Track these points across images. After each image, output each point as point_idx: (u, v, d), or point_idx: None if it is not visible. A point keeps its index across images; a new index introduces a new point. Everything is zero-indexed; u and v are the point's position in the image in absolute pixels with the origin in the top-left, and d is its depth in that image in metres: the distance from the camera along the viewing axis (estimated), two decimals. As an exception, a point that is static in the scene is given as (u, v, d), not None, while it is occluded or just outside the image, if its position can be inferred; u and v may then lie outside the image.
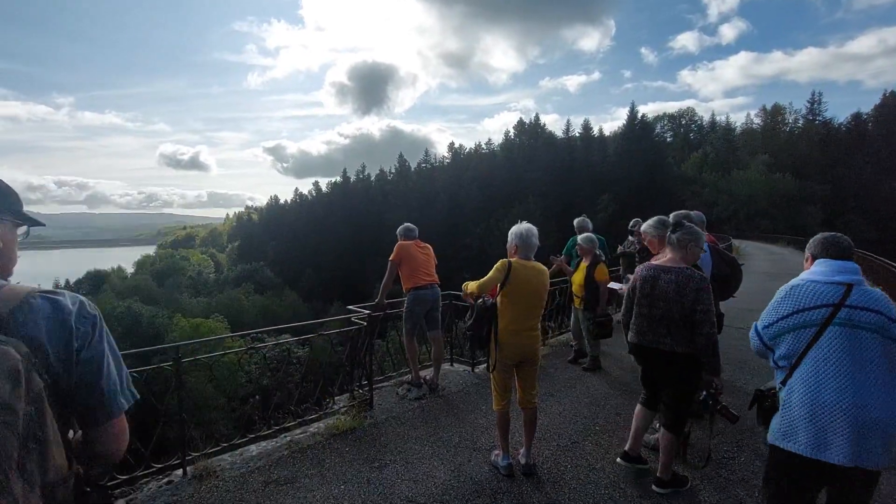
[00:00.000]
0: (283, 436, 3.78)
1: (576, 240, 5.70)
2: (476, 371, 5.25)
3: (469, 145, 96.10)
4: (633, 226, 6.56)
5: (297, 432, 3.82)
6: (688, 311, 2.61)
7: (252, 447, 3.62)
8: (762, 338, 2.06)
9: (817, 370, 1.86)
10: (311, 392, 4.58)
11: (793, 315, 1.94)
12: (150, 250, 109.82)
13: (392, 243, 4.75)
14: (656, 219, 3.63)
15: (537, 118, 79.96)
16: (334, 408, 4.28)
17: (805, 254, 2.18)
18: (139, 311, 35.39)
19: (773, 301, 2.06)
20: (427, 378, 4.81)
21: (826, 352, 1.85)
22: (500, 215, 58.56)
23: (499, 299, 3.04)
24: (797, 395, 1.89)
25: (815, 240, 2.12)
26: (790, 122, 62.15)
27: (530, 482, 3.03)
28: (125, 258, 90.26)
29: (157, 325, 34.54)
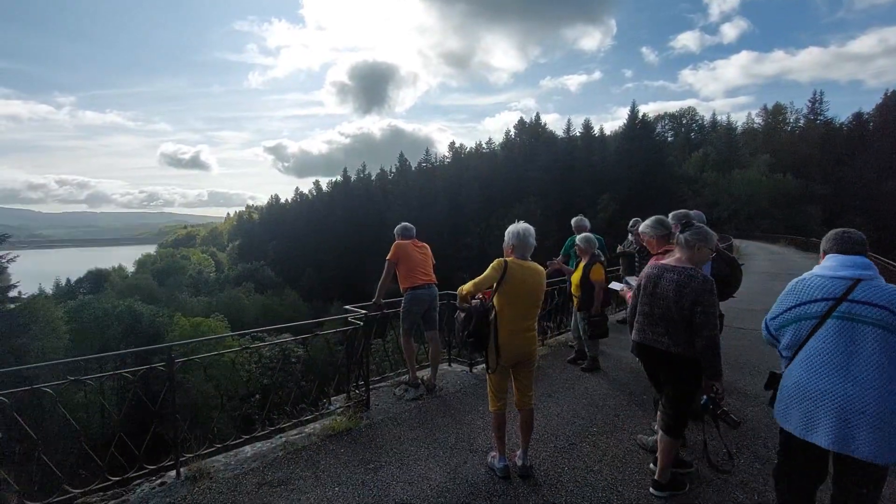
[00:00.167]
0: (278, 436, 3.75)
1: (574, 240, 5.66)
2: (474, 371, 5.22)
3: (470, 145, 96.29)
4: (632, 226, 6.52)
5: (293, 433, 3.78)
6: (686, 312, 2.58)
7: (247, 448, 3.59)
8: (769, 329, 2.20)
9: (811, 359, 1.97)
10: (307, 392, 4.55)
11: (795, 307, 2.05)
12: (150, 249, 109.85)
13: (392, 243, 4.72)
14: (654, 219, 3.60)
15: (538, 117, 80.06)
16: (330, 408, 4.25)
17: (820, 250, 2.24)
18: (139, 310, 35.33)
19: (781, 294, 2.17)
20: (424, 378, 4.78)
21: (821, 343, 1.95)
22: (501, 215, 58.55)
23: (495, 300, 3.01)
24: (792, 380, 2.04)
25: (828, 236, 2.18)
26: (791, 121, 62.19)
27: (527, 484, 3.00)
28: (126, 257, 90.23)
29: (158, 324, 34.50)
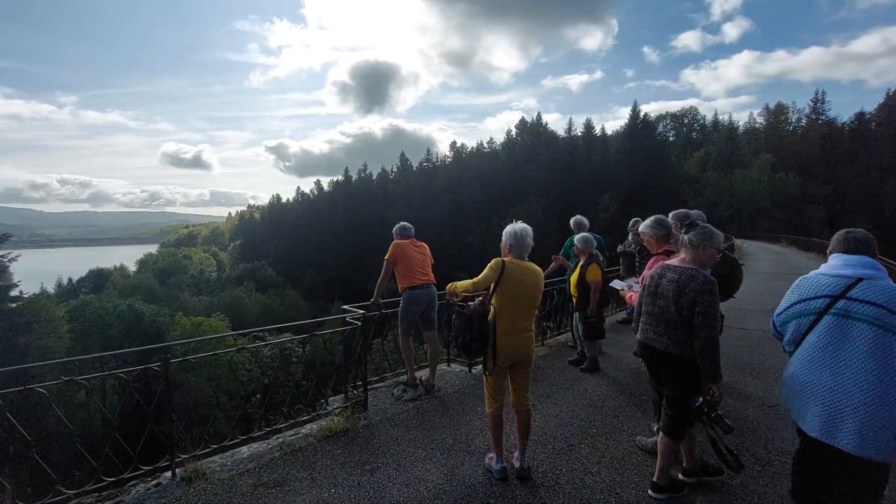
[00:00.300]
0: (275, 437, 3.73)
1: (573, 240, 5.64)
2: (473, 371, 5.19)
3: (471, 144, 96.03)
4: (632, 226, 6.49)
5: (290, 434, 3.76)
6: (686, 312, 2.55)
7: (243, 449, 3.57)
8: (775, 324, 2.28)
9: (806, 353, 2.07)
10: (305, 392, 4.53)
11: (797, 304, 2.13)
12: (152, 249, 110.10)
13: (391, 242, 4.70)
14: (654, 218, 3.57)
15: (539, 117, 79.88)
16: (328, 409, 4.23)
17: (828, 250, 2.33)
18: (141, 309, 35.37)
19: (787, 291, 2.25)
20: (423, 379, 4.76)
21: (817, 338, 2.03)
22: (502, 215, 58.44)
23: (493, 300, 2.98)
24: (789, 372, 2.16)
25: (835, 236, 2.24)
26: (793, 121, 61.99)
27: (524, 486, 2.97)
28: (128, 257, 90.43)
29: (159, 323, 34.55)
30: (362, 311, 4.37)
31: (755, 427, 3.81)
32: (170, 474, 3.14)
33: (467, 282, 3.02)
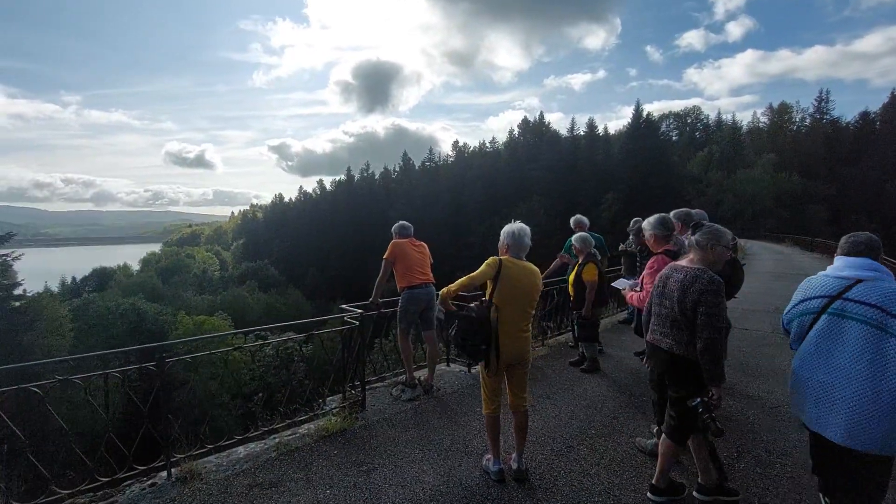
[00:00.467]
0: (272, 437, 3.71)
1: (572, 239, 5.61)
2: (472, 371, 5.16)
3: (473, 144, 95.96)
4: (633, 225, 6.44)
5: (287, 434, 3.74)
6: (690, 313, 2.51)
7: (240, 448, 3.55)
8: (783, 323, 2.40)
9: (804, 350, 2.20)
10: (302, 392, 4.51)
11: (801, 303, 2.26)
12: (156, 248, 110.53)
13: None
14: (658, 217, 3.54)
15: (542, 116, 79.72)
16: (326, 408, 4.21)
17: None
18: (143, 308, 35.49)
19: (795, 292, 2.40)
20: (422, 379, 4.73)
21: (814, 336, 2.15)
22: (504, 214, 58.33)
23: (494, 300, 2.94)
24: (792, 367, 2.28)
25: (841, 239, 2.35)
26: (797, 120, 61.51)
27: (522, 488, 2.94)
28: (131, 256, 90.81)
29: (161, 322, 34.65)
30: (360, 311, 4.35)
31: (756, 429, 3.77)
32: (165, 474, 3.13)
33: (462, 279, 2.98)
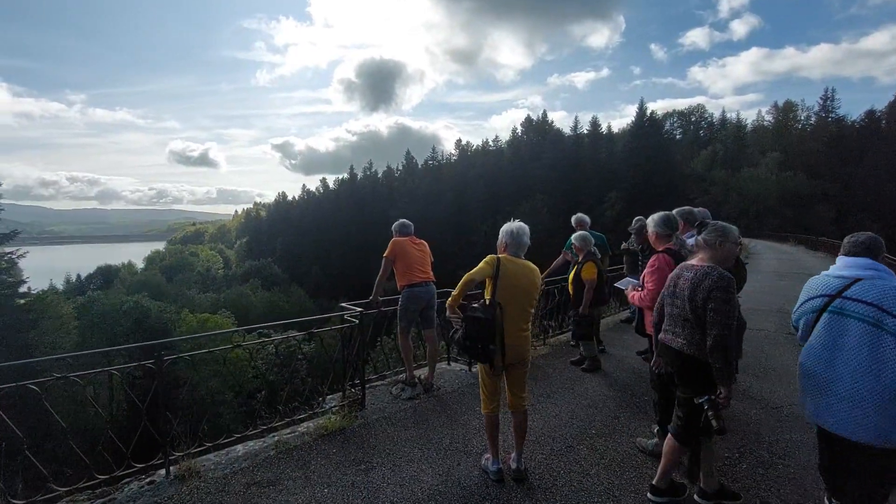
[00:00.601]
0: (271, 435, 3.71)
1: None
2: (473, 370, 5.14)
3: (476, 142, 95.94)
4: (634, 224, 6.38)
5: (286, 432, 3.73)
6: (700, 310, 2.48)
7: (239, 447, 3.54)
8: (792, 321, 2.47)
9: (807, 347, 2.30)
10: (301, 391, 4.51)
11: (805, 302, 2.35)
12: (160, 246, 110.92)
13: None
14: (663, 215, 3.50)
15: (545, 115, 79.55)
16: (325, 407, 4.20)
17: None
18: (148, 306, 35.65)
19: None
20: (422, 377, 4.72)
21: (817, 333, 2.26)
22: (507, 213, 58.00)
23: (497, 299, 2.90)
24: (798, 362, 2.36)
25: (843, 240, 2.44)
26: (802, 119, 60.99)
27: (520, 488, 2.92)
28: (136, 254, 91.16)
29: (165, 320, 34.81)
30: (360, 309, 4.33)
31: (758, 429, 3.74)
32: (164, 472, 3.12)
33: (461, 282, 2.91)
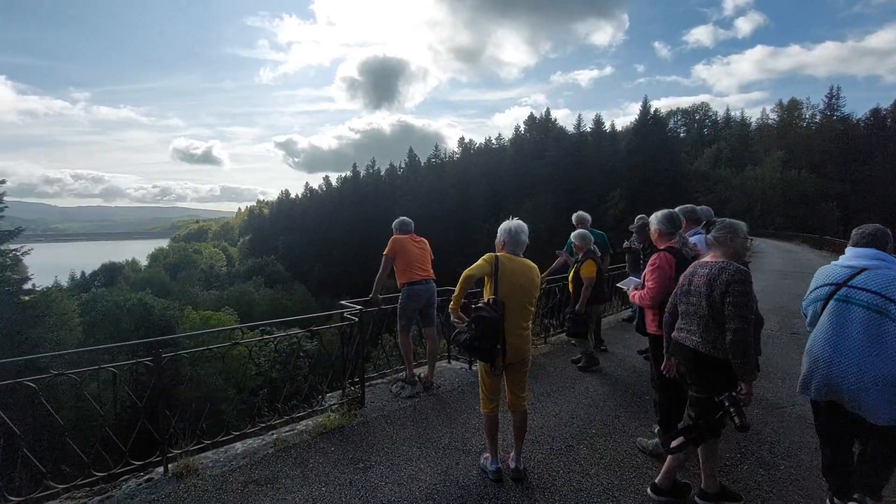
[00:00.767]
0: (269, 433, 3.70)
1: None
2: (473, 369, 5.12)
3: (479, 140, 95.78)
4: (636, 222, 6.33)
5: (285, 430, 3.72)
6: (718, 305, 2.43)
7: (237, 444, 3.53)
8: (802, 308, 2.58)
9: (815, 332, 2.41)
10: (301, 389, 4.50)
11: (814, 291, 2.46)
12: (163, 243, 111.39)
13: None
14: (666, 213, 3.46)
15: (548, 113, 79.37)
16: (324, 405, 4.19)
17: None
18: (151, 303, 35.85)
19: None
20: (422, 376, 4.70)
21: (823, 319, 2.37)
22: (509, 211, 57.75)
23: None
24: (806, 348, 2.47)
25: (852, 231, 2.53)
26: (807, 117, 60.68)
27: (519, 488, 2.90)
28: (139, 251, 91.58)
29: (168, 317, 35.00)
30: (360, 307, 4.31)
31: (760, 429, 3.70)
32: (161, 469, 3.12)
33: (460, 282, 2.88)
